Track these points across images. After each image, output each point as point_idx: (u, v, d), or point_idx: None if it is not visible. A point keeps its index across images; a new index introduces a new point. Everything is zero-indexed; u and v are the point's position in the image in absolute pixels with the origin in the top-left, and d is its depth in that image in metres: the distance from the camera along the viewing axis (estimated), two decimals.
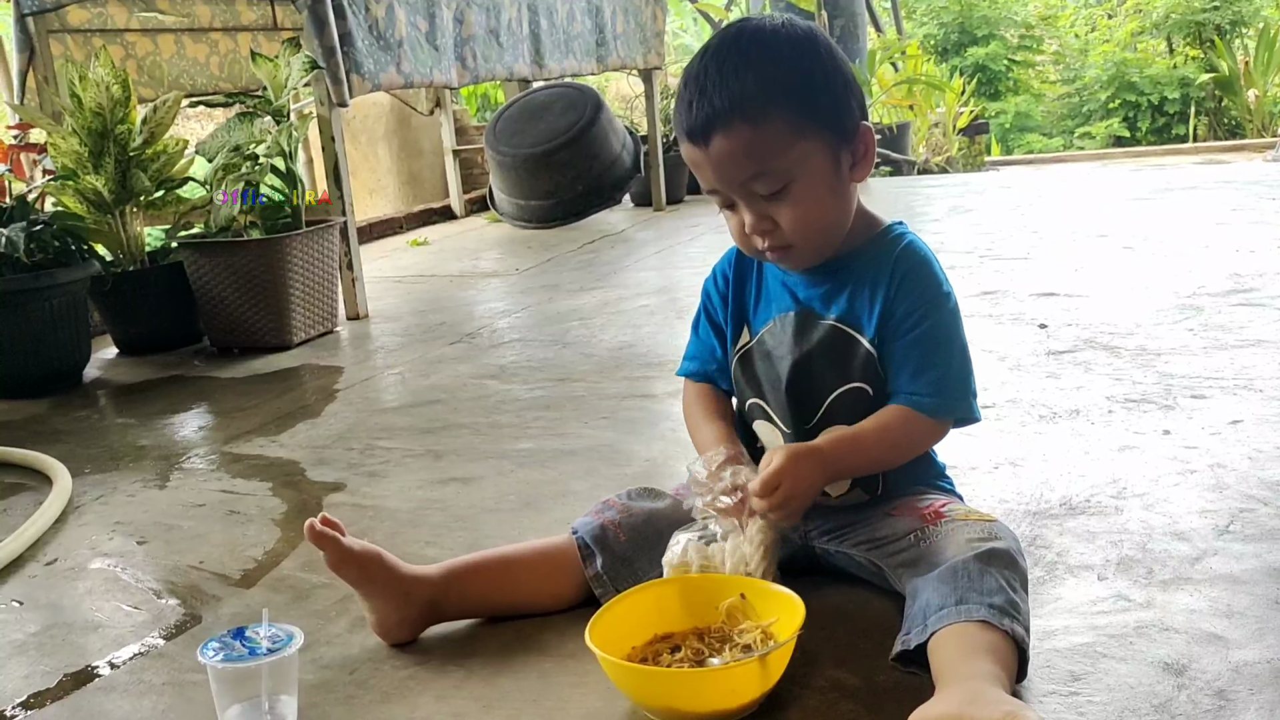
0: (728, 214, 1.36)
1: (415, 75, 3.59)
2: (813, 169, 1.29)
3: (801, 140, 1.28)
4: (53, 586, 1.65)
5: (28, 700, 1.32)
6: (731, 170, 1.29)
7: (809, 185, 1.30)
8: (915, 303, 1.34)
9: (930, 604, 1.17)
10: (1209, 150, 8.36)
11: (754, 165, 1.28)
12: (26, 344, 2.76)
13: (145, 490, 2.03)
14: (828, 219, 1.34)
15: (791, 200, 1.29)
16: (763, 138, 1.26)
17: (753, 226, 1.32)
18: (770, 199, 1.30)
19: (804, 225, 1.31)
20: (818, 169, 1.30)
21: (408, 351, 2.95)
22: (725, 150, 1.27)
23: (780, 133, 1.27)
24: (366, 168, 5.58)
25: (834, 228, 1.35)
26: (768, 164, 1.28)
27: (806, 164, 1.29)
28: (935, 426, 1.36)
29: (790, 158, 1.28)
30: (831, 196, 1.33)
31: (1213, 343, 2.36)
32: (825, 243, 1.36)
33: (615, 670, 1.15)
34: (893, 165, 6.88)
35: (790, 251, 1.35)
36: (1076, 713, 1.10)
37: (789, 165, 1.28)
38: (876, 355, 1.36)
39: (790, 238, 1.32)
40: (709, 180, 1.32)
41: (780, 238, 1.32)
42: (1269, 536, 1.46)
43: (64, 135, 2.96)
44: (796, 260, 1.37)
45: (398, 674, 1.30)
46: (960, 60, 11.42)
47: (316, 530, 1.30)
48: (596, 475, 1.90)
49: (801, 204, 1.30)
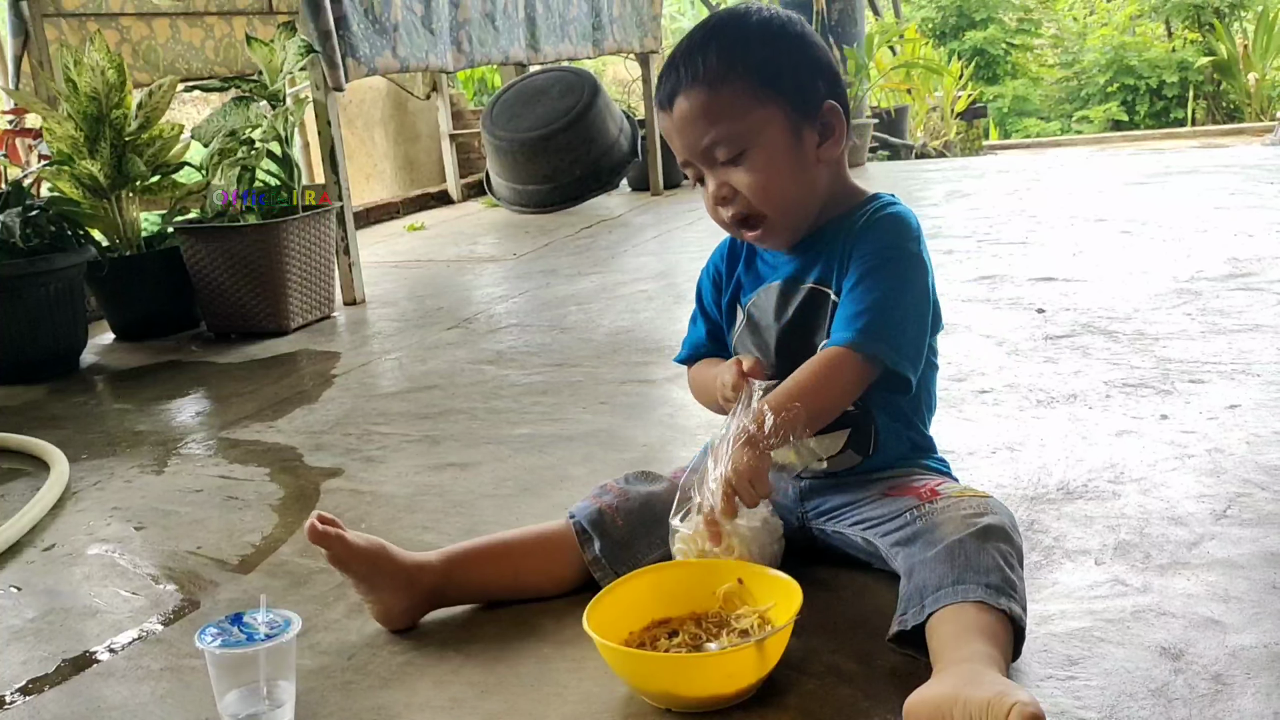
0: (701, 189, 1.42)
1: (411, 59, 3.58)
2: (770, 138, 1.35)
3: (758, 107, 1.34)
4: (50, 572, 1.65)
5: (26, 686, 1.32)
6: (691, 134, 1.36)
7: (767, 153, 1.35)
8: (866, 248, 1.37)
9: (927, 584, 1.17)
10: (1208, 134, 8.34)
11: (709, 126, 1.34)
12: (23, 329, 2.76)
13: (143, 476, 2.03)
14: (788, 191, 1.38)
15: (749, 165, 1.35)
16: (718, 101, 1.34)
17: (712, 194, 1.38)
18: (729, 164, 1.35)
19: (762, 192, 1.36)
20: (775, 138, 1.35)
21: (405, 337, 2.94)
22: (684, 112, 1.35)
23: (736, 97, 1.34)
24: (363, 152, 5.57)
25: (798, 201, 1.39)
26: (725, 128, 1.34)
27: (763, 132, 1.34)
28: (857, 362, 1.32)
29: (746, 122, 1.34)
30: (792, 168, 1.37)
31: (1211, 327, 2.36)
32: (795, 217, 1.40)
33: (612, 655, 1.15)
34: (890, 149, 6.86)
35: (761, 225, 1.39)
36: (1073, 697, 1.11)
37: (745, 130, 1.34)
38: None
39: (752, 205, 1.37)
40: (678, 149, 1.40)
41: (741, 204, 1.37)
42: (1266, 521, 1.46)
43: (59, 120, 2.95)
44: (769, 235, 1.41)
45: (395, 659, 1.30)
46: (958, 44, 11.39)
47: (318, 530, 1.30)
48: (594, 460, 1.90)
49: (758, 171, 1.35)
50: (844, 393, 1.34)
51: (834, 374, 1.32)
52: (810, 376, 1.32)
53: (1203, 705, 1.08)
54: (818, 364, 1.33)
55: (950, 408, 1.94)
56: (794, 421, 1.26)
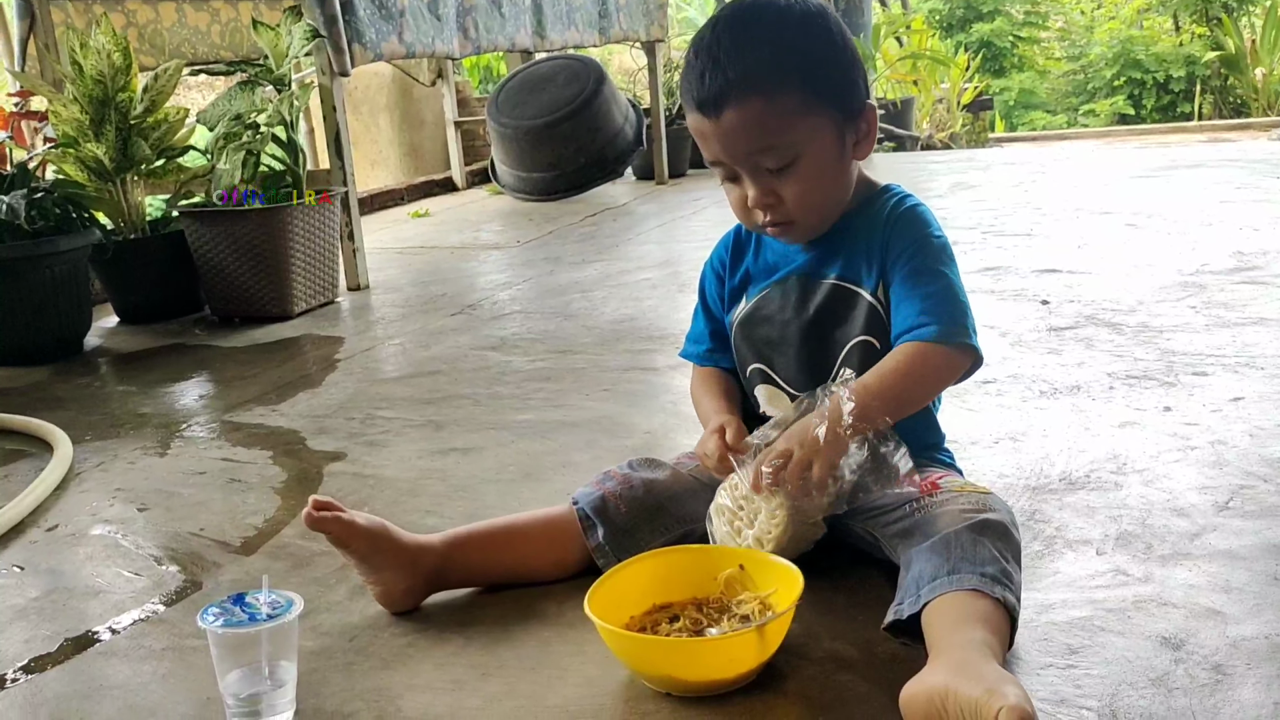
0: (729, 186, 1.38)
1: (417, 45, 3.57)
2: (819, 145, 1.32)
3: (810, 116, 1.30)
4: (54, 552, 1.66)
5: (29, 664, 1.32)
6: (741, 143, 1.31)
7: (815, 161, 1.32)
8: (904, 245, 1.36)
9: (923, 574, 1.18)
10: (1214, 129, 8.32)
11: (764, 138, 1.29)
12: (27, 311, 2.76)
13: (146, 458, 2.04)
14: (829, 195, 1.37)
15: (797, 175, 1.32)
16: (774, 111, 1.28)
17: (756, 200, 1.34)
18: (776, 173, 1.32)
19: (807, 200, 1.34)
20: (824, 145, 1.33)
21: (408, 322, 2.95)
22: (737, 122, 1.29)
23: (791, 107, 1.29)
24: (368, 139, 5.56)
25: (834, 204, 1.39)
26: (777, 138, 1.30)
27: (814, 140, 1.31)
28: (947, 353, 1.31)
29: (799, 133, 1.30)
30: (835, 173, 1.36)
31: (1215, 320, 2.36)
32: (824, 218, 1.39)
33: (614, 639, 1.15)
34: (896, 141, 6.85)
35: (791, 227, 1.38)
36: (1074, 685, 1.11)
37: (797, 140, 1.30)
38: (880, 307, 1.38)
39: (792, 213, 1.35)
40: (715, 152, 1.34)
41: (783, 212, 1.35)
42: (1268, 513, 1.46)
43: (65, 103, 2.95)
44: (796, 235, 1.41)
45: (397, 641, 1.30)
46: (965, 36, 11.36)
47: (314, 518, 1.30)
48: (597, 447, 1.90)
49: (806, 179, 1.32)
50: (937, 383, 1.34)
51: (923, 367, 1.31)
52: (896, 370, 1.30)
53: (1203, 695, 1.08)
54: (904, 359, 1.31)
55: (954, 397, 1.94)
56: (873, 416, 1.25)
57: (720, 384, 1.51)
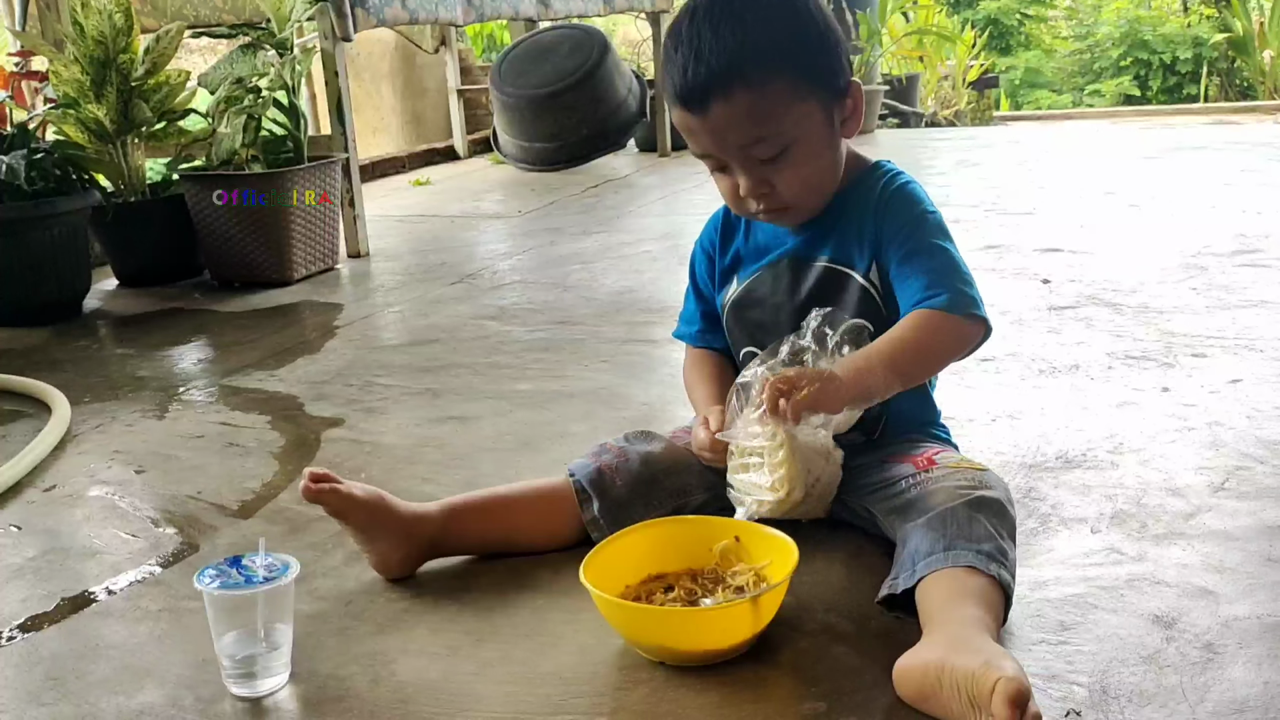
0: (719, 176, 1.37)
1: (420, 11, 3.55)
2: (810, 130, 1.30)
3: (799, 102, 1.29)
4: (51, 513, 1.66)
5: (25, 623, 1.33)
6: (731, 136, 1.29)
7: (806, 146, 1.31)
8: (899, 225, 1.35)
9: (919, 550, 1.18)
10: (1220, 111, 8.27)
11: (754, 130, 1.27)
12: (26, 272, 2.76)
13: (144, 420, 2.04)
14: (824, 178, 1.36)
15: (790, 162, 1.30)
16: (763, 102, 1.26)
17: (749, 190, 1.33)
18: (768, 163, 1.30)
19: (801, 186, 1.33)
20: (814, 129, 1.31)
21: (408, 290, 2.94)
22: (725, 116, 1.27)
23: (779, 95, 1.27)
24: (370, 106, 5.54)
25: (828, 184, 1.38)
26: (768, 128, 1.27)
27: (804, 125, 1.30)
28: (958, 322, 1.28)
29: (789, 120, 1.28)
30: (826, 155, 1.35)
31: (1215, 302, 2.35)
32: (821, 201, 1.38)
33: (608, 607, 1.16)
34: (900, 117, 6.81)
35: (786, 211, 1.37)
36: (1065, 662, 1.11)
37: (787, 128, 1.28)
38: (872, 290, 1.37)
39: (787, 199, 1.34)
40: (704, 146, 1.32)
41: (777, 200, 1.34)
42: (1263, 494, 1.46)
43: (66, 63, 2.93)
44: (791, 219, 1.40)
45: (392, 607, 1.31)
46: (972, 12, 11.29)
47: (312, 490, 1.29)
48: (595, 418, 1.90)
49: (799, 165, 1.31)
50: (946, 353, 1.31)
51: (934, 335, 1.28)
52: (904, 339, 1.27)
53: (1194, 673, 1.08)
54: (914, 327, 1.28)
55: (952, 375, 1.94)
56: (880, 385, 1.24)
57: (711, 368, 1.51)
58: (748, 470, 1.29)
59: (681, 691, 1.10)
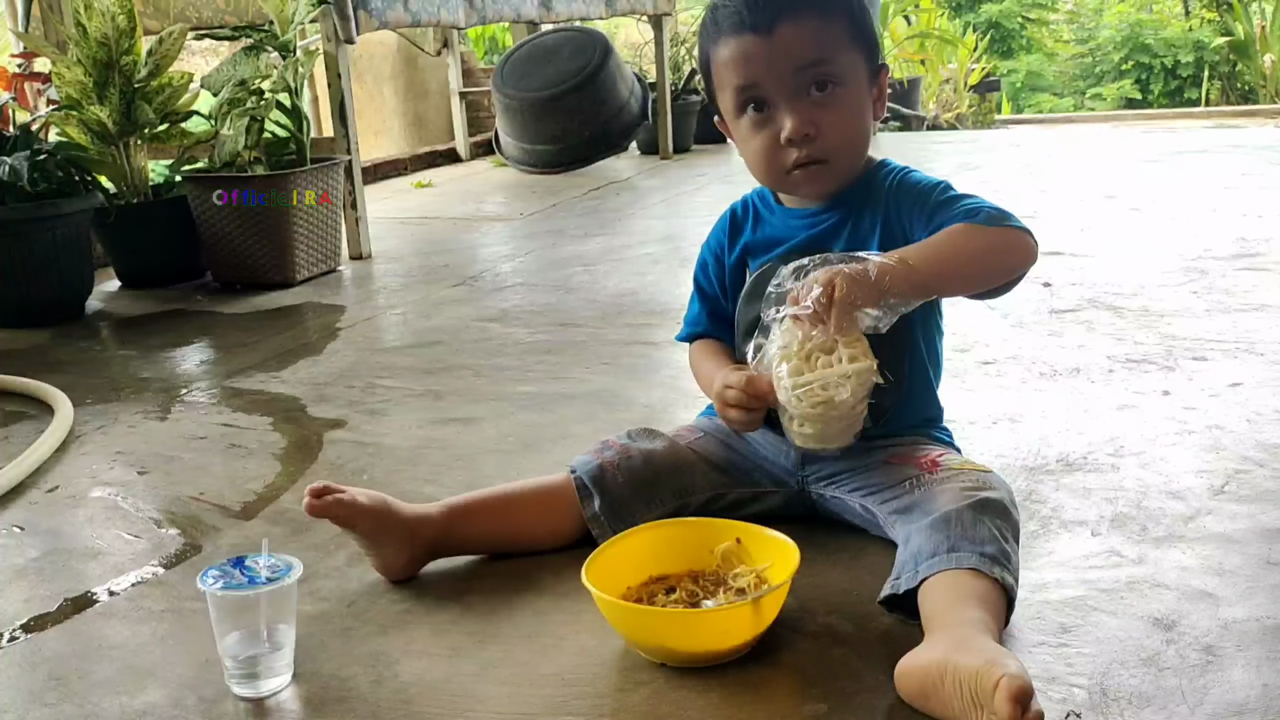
0: (754, 130, 1.36)
1: (422, 13, 3.56)
2: (857, 82, 1.36)
3: (853, 50, 1.35)
4: (53, 513, 1.66)
5: (28, 623, 1.33)
6: (793, 57, 1.31)
7: (854, 96, 1.36)
8: (915, 199, 1.37)
9: (922, 550, 1.18)
10: (1221, 115, 8.27)
11: (818, 52, 1.32)
12: (29, 273, 2.76)
13: (146, 421, 2.04)
14: (860, 138, 1.39)
15: (838, 104, 1.34)
16: (828, 31, 1.33)
17: (794, 130, 1.32)
18: (818, 100, 1.32)
19: (843, 134, 1.35)
20: (859, 84, 1.36)
21: (410, 292, 2.95)
22: (791, 36, 1.31)
23: (841, 35, 1.34)
24: (372, 108, 5.54)
25: (861, 150, 1.40)
26: (829, 53, 1.32)
27: (854, 75, 1.35)
28: (1001, 231, 1.29)
29: (845, 60, 1.34)
30: (865, 118, 1.38)
31: (1216, 306, 2.36)
32: (850, 164, 1.40)
33: (610, 609, 1.16)
34: (902, 120, 6.82)
35: (824, 168, 1.36)
36: (1065, 664, 1.12)
37: (843, 67, 1.34)
38: None
39: (829, 147, 1.34)
40: (757, 75, 1.33)
41: (819, 147, 1.34)
42: (1263, 498, 1.47)
43: (69, 65, 2.94)
44: (824, 181, 1.38)
45: (395, 608, 1.31)
46: (974, 16, 11.28)
47: (317, 506, 1.30)
48: (596, 420, 1.90)
49: (846, 110, 1.35)
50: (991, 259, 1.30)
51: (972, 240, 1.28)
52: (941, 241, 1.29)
53: (1193, 675, 1.09)
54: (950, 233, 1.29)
55: (953, 378, 1.94)
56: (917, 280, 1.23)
57: (720, 349, 1.49)
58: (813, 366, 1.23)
59: (683, 693, 1.11)
